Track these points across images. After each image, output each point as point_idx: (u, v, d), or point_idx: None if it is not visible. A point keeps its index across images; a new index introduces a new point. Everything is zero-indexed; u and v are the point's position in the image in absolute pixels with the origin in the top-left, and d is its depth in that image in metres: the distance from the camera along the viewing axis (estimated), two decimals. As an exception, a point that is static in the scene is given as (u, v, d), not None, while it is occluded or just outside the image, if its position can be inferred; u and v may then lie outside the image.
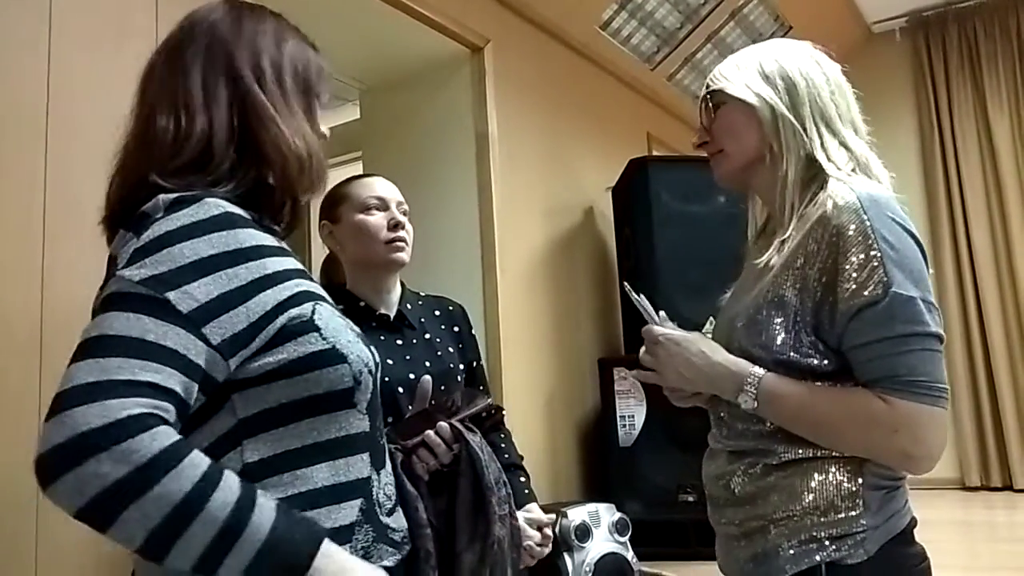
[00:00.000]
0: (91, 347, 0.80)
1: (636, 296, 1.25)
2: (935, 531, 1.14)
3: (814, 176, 1.14)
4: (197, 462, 0.79)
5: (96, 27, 1.70)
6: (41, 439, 0.76)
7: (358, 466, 0.96)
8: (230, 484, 0.80)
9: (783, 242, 1.13)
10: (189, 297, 0.84)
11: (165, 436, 0.77)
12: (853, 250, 1.03)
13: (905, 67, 4.81)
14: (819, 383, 1.08)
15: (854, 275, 1.03)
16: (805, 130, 1.15)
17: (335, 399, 0.94)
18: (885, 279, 1.01)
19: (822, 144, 1.15)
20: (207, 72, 0.99)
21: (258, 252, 0.91)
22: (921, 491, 1.14)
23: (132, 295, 0.83)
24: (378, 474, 1.00)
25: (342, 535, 0.92)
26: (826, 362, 1.08)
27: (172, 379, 0.81)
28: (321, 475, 0.92)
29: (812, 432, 1.08)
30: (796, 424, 1.09)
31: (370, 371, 0.98)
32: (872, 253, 1.02)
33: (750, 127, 1.19)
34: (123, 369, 0.78)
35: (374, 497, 0.98)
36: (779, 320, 1.09)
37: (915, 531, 1.12)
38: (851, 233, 1.04)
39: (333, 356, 0.92)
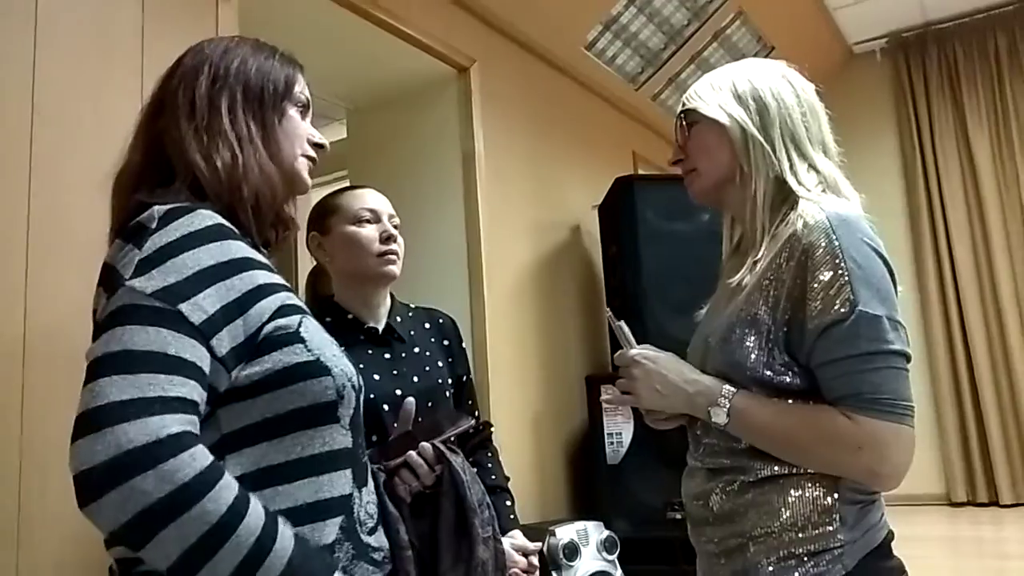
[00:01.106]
0: (117, 362, 0.81)
1: (617, 322, 1.26)
2: (922, 547, 1.14)
3: (785, 197, 1.16)
4: (230, 484, 0.80)
5: (81, 42, 1.70)
6: (80, 455, 0.76)
7: (340, 483, 0.95)
8: (257, 510, 0.82)
9: (755, 262, 1.14)
10: (199, 309, 0.85)
11: (203, 456, 0.79)
12: (821, 268, 1.04)
13: (886, 87, 4.88)
14: (791, 401, 1.09)
15: (821, 294, 1.03)
16: (774, 151, 1.16)
17: (318, 413, 0.94)
18: (852, 297, 1.02)
19: (791, 166, 1.16)
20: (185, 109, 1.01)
21: (248, 264, 0.92)
22: (907, 507, 1.15)
23: (146, 308, 0.84)
24: (360, 492, 0.99)
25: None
26: (798, 380, 1.09)
27: (195, 392, 0.83)
28: (303, 492, 0.92)
29: (780, 449, 1.09)
30: (764, 441, 1.10)
31: (353, 386, 0.98)
32: (839, 272, 1.03)
33: (722, 147, 1.20)
34: (154, 386, 0.79)
35: (355, 515, 0.97)
36: (752, 339, 1.10)
37: (892, 544, 1.12)
38: (819, 252, 1.04)
39: (317, 368, 0.93)
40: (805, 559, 1.06)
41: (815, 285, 1.04)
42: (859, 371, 1.02)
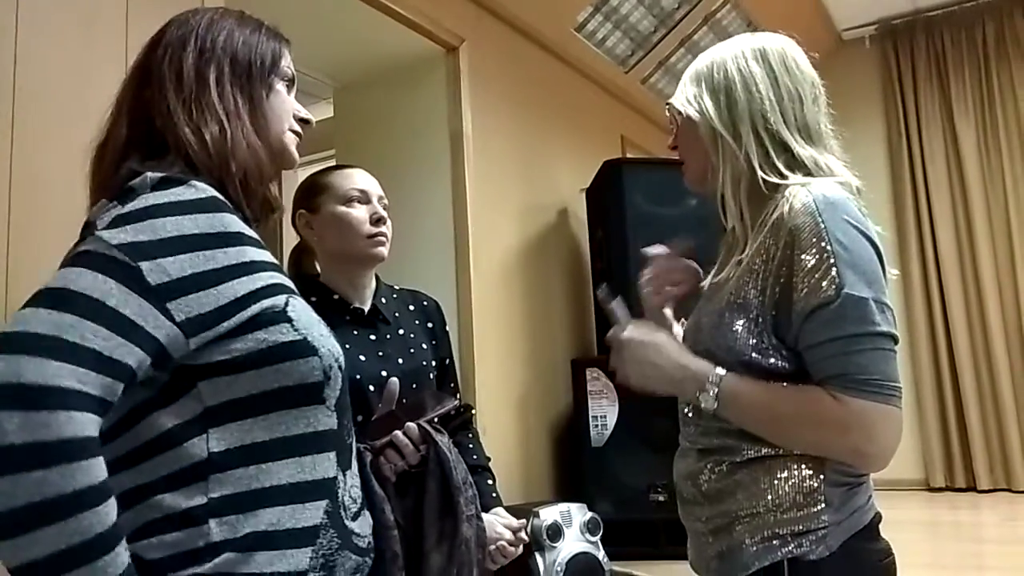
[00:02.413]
0: (50, 297, 0.79)
1: (610, 302, 1.25)
2: (901, 531, 1.16)
3: (768, 186, 1.15)
4: (96, 471, 0.76)
5: (65, 20, 1.67)
6: None
7: (324, 465, 0.94)
8: (110, 514, 0.77)
9: (743, 248, 1.15)
10: (161, 271, 0.83)
11: (82, 425, 0.75)
12: (807, 251, 1.04)
13: (874, 74, 4.89)
14: (780, 383, 1.09)
15: (807, 277, 1.04)
16: (741, 145, 1.16)
17: (304, 392, 0.93)
18: (837, 280, 1.02)
19: (766, 156, 1.15)
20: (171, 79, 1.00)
21: (239, 239, 0.91)
22: (886, 492, 1.16)
23: (105, 256, 0.82)
24: (344, 475, 0.98)
25: (305, 538, 0.90)
26: (786, 364, 1.09)
27: (120, 350, 0.79)
28: (286, 471, 0.91)
29: (768, 431, 1.10)
30: (753, 423, 1.10)
31: (340, 367, 0.97)
32: (825, 255, 1.03)
33: (698, 140, 1.21)
34: (74, 329, 0.77)
35: (340, 499, 0.96)
36: (741, 322, 1.10)
37: (880, 526, 1.14)
38: (805, 234, 1.05)
39: (304, 348, 0.92)
40: (789, 539, 1.07)
41: (801, 268, 1.04)
42: (846, 353, 1.03)
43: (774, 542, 1.07)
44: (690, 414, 1.21)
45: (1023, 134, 4.44)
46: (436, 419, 1.34)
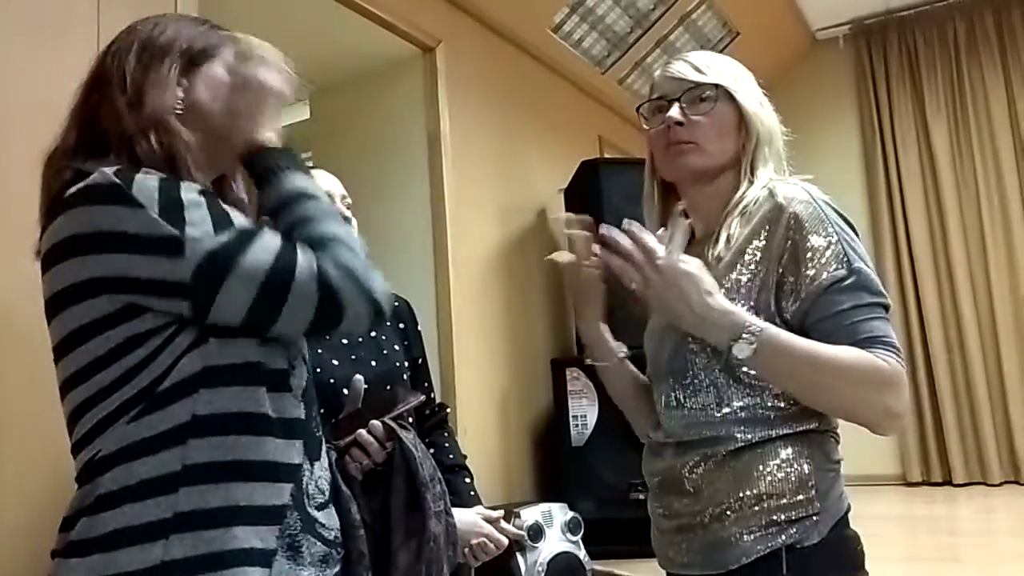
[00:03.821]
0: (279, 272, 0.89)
1: (680, 222, 1.16)
2: (878, 525, 1.17)
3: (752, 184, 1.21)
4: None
5: (36, 17, 1.65)
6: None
7: (290, 452, 0.96)
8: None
9: (728, 237, 1.17)
10: (238, 221, 0.92)
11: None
12: (814, 234, 1.10)
13: (848, 73, 4.93)
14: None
15: (816, 256, 1.09)
16: (766, 157, 1.22)
17: (271, 376, 0.95)
18: (846, 258, 1.09)
19: (780, 164, 1.24)
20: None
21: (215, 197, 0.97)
22: (864, 487, 1.18)
23: (222, 245, 0.89)
24: (311, 464, 0.99)
25: (273, 516, 0.92)
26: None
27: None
28: (264, 448, 0.93)
29: (803, 383, 1.08)
30: (786, 374, 1.08)
31: (304, 360, 1.01)
32: (832, 238, 1.10)
33: (735, 135, 1.22)
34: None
35: (304, 486, 0.97)
36: (738, 303, 1.12)
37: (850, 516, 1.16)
38: (808, 219, 1.11)
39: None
40: (786, 526, 1.08)
41: (808, 249, 1.10)
42: (870, 318, 1.08)
43: (771, 530, 1.08)
44: (674, 404, 1.19)
45: (994, 131, 4.51)
46: (406, 416, 1.33)
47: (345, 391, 1.50)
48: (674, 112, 1.21)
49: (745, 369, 1.11)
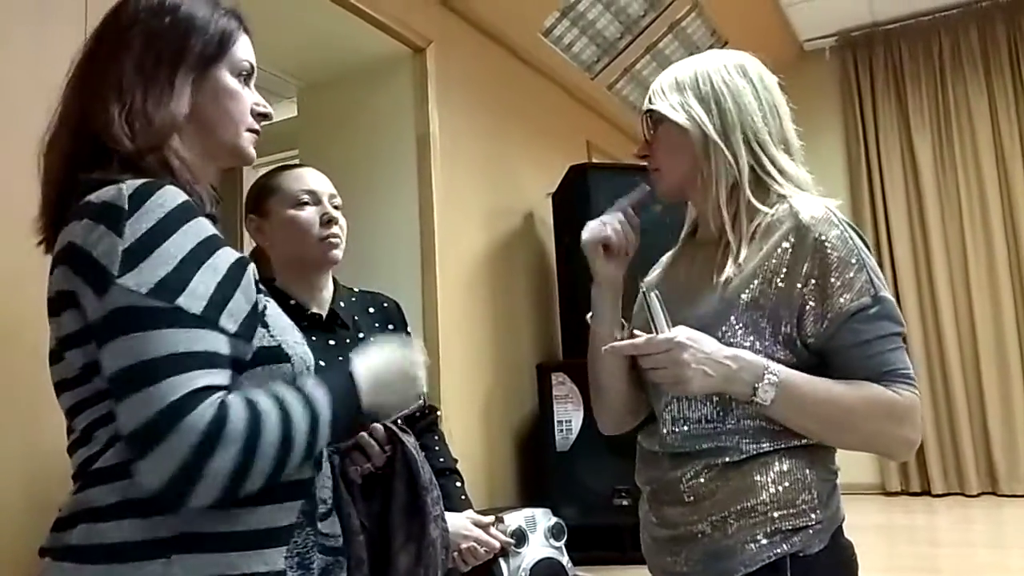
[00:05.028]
0: (138, 376, 0.81)
1: (652, 297, 1.15)
2: (858, 534, 1.18)
3: (761, 197, 1.17)
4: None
5: (20, 10, 1.62)
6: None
7: (304, 468, 0.94)
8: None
9: (738, 255, 1.14)
10: (196, 297, 0.85)
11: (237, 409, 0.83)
12: (840, 259, 1.09)
13: (834, 84, 4.97)
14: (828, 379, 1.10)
15: (843, 280, 1.08)
16: (736, 156, 1.17)
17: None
18: (870, 286, 1.09)
19: (759, 166, 1.18)
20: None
21: (218, 241, 0.91)
22: (843, 496, 1.19)
23: (146, 310, 0.83)
24: (317, 476, 0.98)
25: (281, 536, 0.90)
26: (794, 359, 1.10)
27: (215, 377, 0.83)
28: None
29: (827, 424, 1.09)
30: (811, 415, 1.09)
31: (310, 373, 0.97)
32: (855, 262, 1.09)
33: (684, 148, 1.20)
34: (182, 384, 0.81)
35: (316, 498, 0.96)
36: (741, 325, 1.11)
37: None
38: (834, 242, 1.09)
39: (279, 354, 0.92)
40: (790, 534, 1.09)
41: (836, 273, 1.09)
42: (890, 350, 1.09)
43: (776, 538, 1.08)
44: (676, 415, 1.16)
45: (976, 144, 4.56)
46: (400, 420, 1.32)
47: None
48: (643, 144, 1.27)
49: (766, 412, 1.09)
